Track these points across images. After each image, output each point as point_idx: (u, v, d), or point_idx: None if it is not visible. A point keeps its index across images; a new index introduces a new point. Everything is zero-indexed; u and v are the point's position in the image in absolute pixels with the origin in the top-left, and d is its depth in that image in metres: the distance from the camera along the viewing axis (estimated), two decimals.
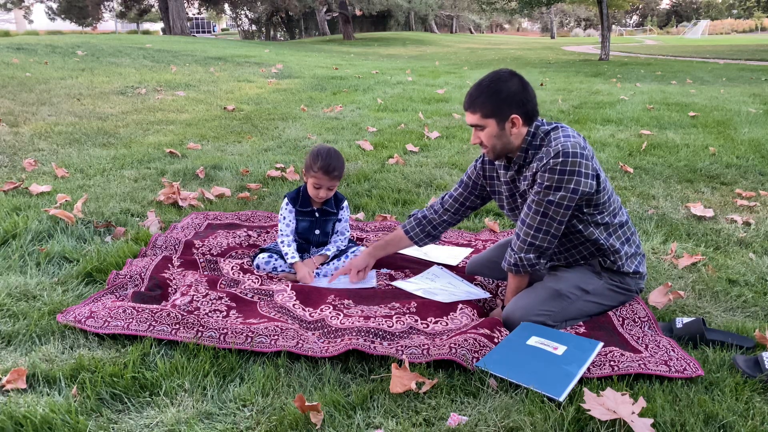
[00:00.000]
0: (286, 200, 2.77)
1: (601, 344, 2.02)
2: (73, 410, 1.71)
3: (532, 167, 2.18)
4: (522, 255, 2.21)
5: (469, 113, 2.21)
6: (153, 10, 37.50)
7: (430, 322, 2.25)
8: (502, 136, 2.19)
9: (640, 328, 2.19)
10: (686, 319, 2.18)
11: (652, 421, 1.64)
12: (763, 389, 1.85)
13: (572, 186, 2.08)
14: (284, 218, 2.77)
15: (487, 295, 2.51)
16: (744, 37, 40.50)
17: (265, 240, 3.07)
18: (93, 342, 2.08)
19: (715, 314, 2.38)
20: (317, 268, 2.74)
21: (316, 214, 2.79)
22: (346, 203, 2.86)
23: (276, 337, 2.06)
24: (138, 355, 1.97)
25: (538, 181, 2.13)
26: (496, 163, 2.39)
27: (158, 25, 43.81)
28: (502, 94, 2.15)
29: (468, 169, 2.55)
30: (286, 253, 2.70)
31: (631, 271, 2.30)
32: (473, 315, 2.29)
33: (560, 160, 2.07)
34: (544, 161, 2.11)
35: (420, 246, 2.67)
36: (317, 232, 2.80)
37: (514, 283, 2.30)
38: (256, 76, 10.45)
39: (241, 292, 2.43)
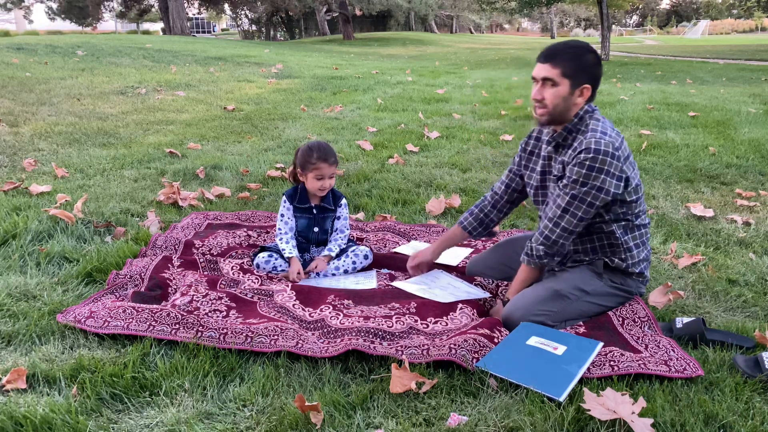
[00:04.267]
0: (284, 198, 2.78)
1: (601, 344, 2.02)
2: (73, 410, 1.71)
3: (568, 153, 2.19)
4: (534, 245, 2.23)
5: (548, 65, 2.16)
6: (153, 10, 37.48)
7: (430, 322, 2.25)
8: (567, 100, 2.17)
9: (640, 328, 2.19)
10: (686, 319, 2.18)
11: (652, 421, 1.65)
12: (763, 389, 1.85)
13: (597, 184, 2.09)
14: (282, 216, 2.78)
15: (487, 294, 2.51)
16: (744, 37, 40.49)
17: (265, 240, 3.08)
18: (93, 342, 2.08)
19: (715, 314, 2.38)
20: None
21: (314, 211, 2.79)
22: (344, 201, 2.86)
23: (276, 337, 2.06)
24: (138, 355, 1.97)
25: (567, 174, 2.15)
26: (544, 135, 2.39)
27: (158, 25, 43.80)
28: (585, 62, 2.16)
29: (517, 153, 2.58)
30: (284, 249, 2.71)
31: (636, 271, 2.31)
32: (473, 315, 2.29)
33: (590, 156, 2.09)
34: (576, 154, 2.13)
35: (475, 238, 2.67)
36: (316, 229, 2.80)
37: (522, 274, 2.31)
38: (256, 76, 10.45)
39: (240, 293, 2.43)
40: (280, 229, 2.77)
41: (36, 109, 6.62)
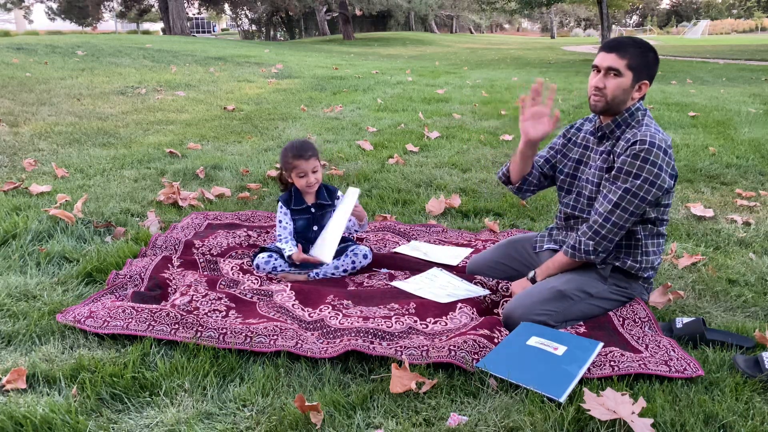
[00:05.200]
0: (279, 203, 2.78)
1: (601, 344, 2.02)
2: (73, 410, 1.71)
3: (619, 145, 2.19)
4: (583, 239, 2.23)
5: (614, 55, 2.18)
6: (153, 10, 37.47)
7: (429, 322, 2.25)
8: (627, 93, 2.19)
9: (641, 328, 2.19)
10: (686, 319, 2.18)
11: (652, 421, 1.65)
12: (763, 389, 1.85)
13: (651, 177, 2.10)
14: (280, 221, 2.77)
15: (488, 291, 2.50)
16: (744, 37, 40.46)
17: (265, 240, 3.08)
18: (93, 342, 2.08)
19: (715, 314, 2.38)
20: (317, 269, 2.73)
21: (312, 210, 2.79)
22: (340, 192, 2.87)
23: (275, 337, 2.06)
24: (138, 355, 1.97)
25: (618, 166, 2.15)
26: (586, 126, 2.41)
27: (158, 25, 43.76)
28: (648, 58, 2.19)
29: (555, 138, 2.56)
30: (284, 249, 2.71)
31: (645, 276, 2.32)
32: (473, 314, 2.29)
33: (645, 147, 2.10)
34: (629, 145, 2.13)
35: (521, 193, 2.55)
36: (315, 228, 2.80)
37: (560, 262, 2.31)
38: (256, 76, 10.45)
39: (240, 293, 2.43)
40: (279, 234, 2.77)
41: (36, 109, 6.62)
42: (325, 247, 2.62)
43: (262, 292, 2.46)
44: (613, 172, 2.18)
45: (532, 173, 2.50)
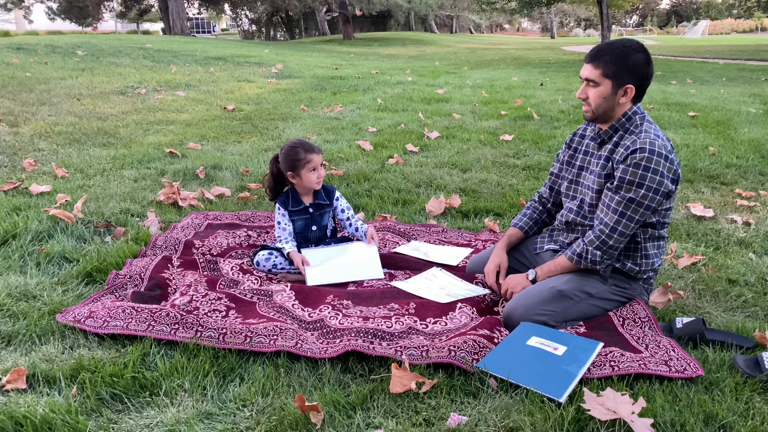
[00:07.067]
0: (277, 205, 2.78)
1: (601, 344, 2.02)
2: (73, 410, 1.71)
3: (618, 152, 2.19)
4: (591, 249, 2.23)
5: (590, 66, 2.20)
6: (153, 10, 37.47)
7: (429, 322, 2.25)
8: (610, 100, 2.20)
9: (641, 328, 2.19)
10: (686, 319, 2.18)
11: (652, 421, 1.65)
12: (763, 389, 1.85)
13: (654, 185, 2.11)
14: (279, 223, 2.77)
15: (488, 291, 2.50)
16: (744, 37, 40.43)
17: (264, 240, 3.08)
18: (93, 342, 2.08)
19: (715, 314, 2.38)
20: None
21: (310, 210, 2.79)
22: (338, 193, 2.88)
23: (275, 337, 2.06)
24: (138, 355, 1.97)
25: (620, 175, 2.15)
26: (588, 132, 2.42)
27: (158, 25, 43.77)
28: (628, 61, 2.17)
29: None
30: (283, 248, 2.71)
31: (644, 277, 2.33)
32: (472, 313, 2.29)
33: (646, 155, 2.10)
34: (629, 153, 2.13)
35: (529, 233, 2.64)
36: (314, 228, 2.81)
37: (563, 266, 2.31)
38: (256, 76, 10.45)
39: (240, 293, 2.43)
40: (279, 236, 2.77)
41: (36, 109, 6.62)
42: (317, 271, 2.65)
43: (262, 292, 2.46)
44: (615, 182, 2.18)
45: (543, 217, 2.63)
